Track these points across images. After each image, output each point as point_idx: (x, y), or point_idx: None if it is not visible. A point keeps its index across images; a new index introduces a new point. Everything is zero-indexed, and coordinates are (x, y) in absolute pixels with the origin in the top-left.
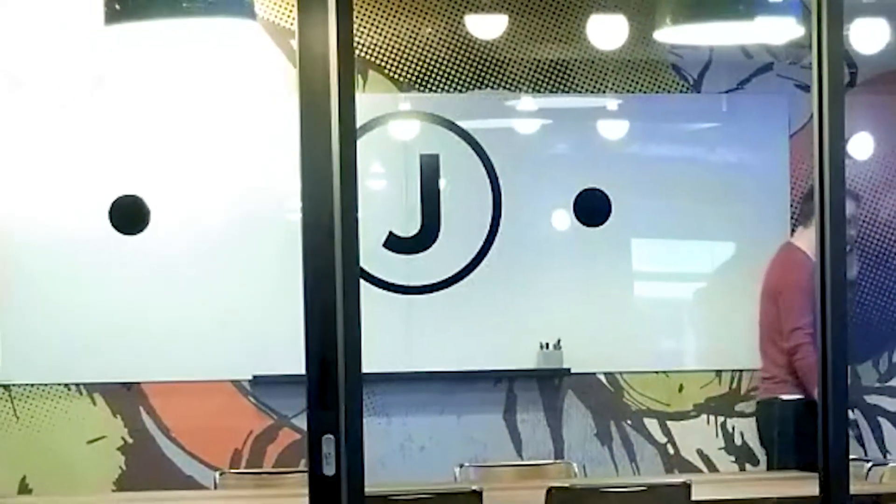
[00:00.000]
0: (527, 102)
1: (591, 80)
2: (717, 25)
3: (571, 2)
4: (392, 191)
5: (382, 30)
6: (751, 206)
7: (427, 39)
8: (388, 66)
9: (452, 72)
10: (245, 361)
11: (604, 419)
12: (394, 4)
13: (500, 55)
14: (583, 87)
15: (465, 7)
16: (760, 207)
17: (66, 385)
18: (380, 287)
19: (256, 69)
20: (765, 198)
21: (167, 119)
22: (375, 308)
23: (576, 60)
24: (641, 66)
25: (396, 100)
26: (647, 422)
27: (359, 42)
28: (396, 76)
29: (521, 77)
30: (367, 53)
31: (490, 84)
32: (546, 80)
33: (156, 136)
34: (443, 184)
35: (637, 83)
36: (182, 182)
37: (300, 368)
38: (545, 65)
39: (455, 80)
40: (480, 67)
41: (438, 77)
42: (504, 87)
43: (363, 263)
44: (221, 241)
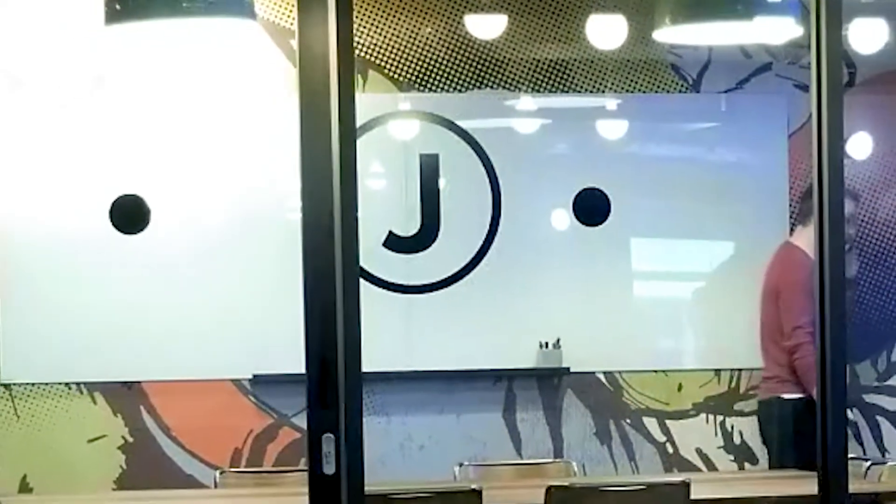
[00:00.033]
0: (526, 102)
1: (591, 80)
2: (717, 25)
3: (571, 2)
4: (392, 190)
5: (382, 30)
6: (750, 206)
7: (427, 39)
8: (388, 66)
9: (452, 72)
10: (245, 361)
11: (603, 418)
12: (394, 4)
13: (500, 55)
14: (582, 87)
15: (465, 7)
16: (759, 207)
17: (67, 384)
18: (380, 286)
19: (256, 69)
20: (764, 197)
21: (167, 119)
22: (375, 307)
23: (575, 60)
24: (641, 66)
25: (396, 99)
26: (647, 421)
27: (359, 42)
28: (396, 76)
29: (521, 77)
30: (367, 53)
31: (489, 84)
32: (545, 80)
33: (156, 136)
34: (442, 183)
35: (636, 83)
36: (182, 182)
37: (300, 367)
38: (545, 65)
39: (455, 80)
40: (480, 67)
41: (438, 77)
42: (503, 87)
43: (363, 263)
44: (222, 241)
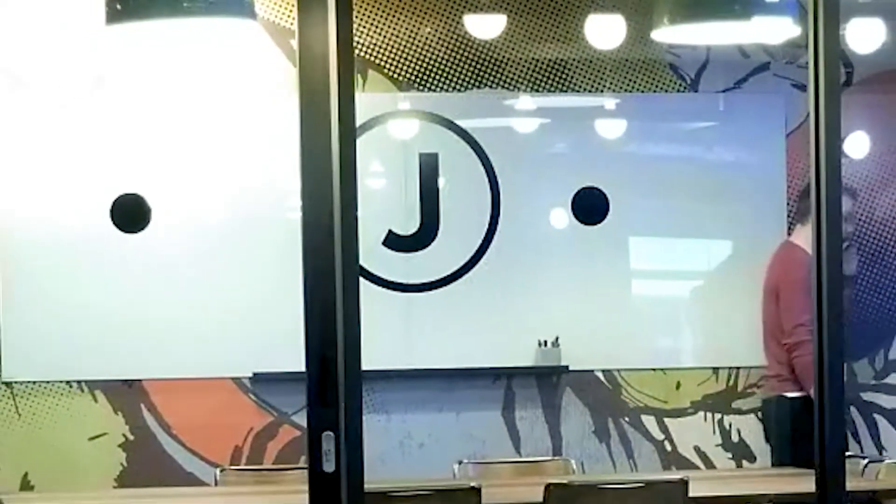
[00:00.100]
0: (525, 102)
1: (589, 80)
2: (715, 25)
3: (569, 2)
4: (391, 189)
5: (382, 29)
6: (748, 205)
7: (426, 39)
8: (388, 66)
9: (451, 71)
10: (245, 359)
11: (602, 416)
12: (393, 4)
13: (499, 55)
14: (581, 87)
15: (464, 7)
16: (757, 206)
17: (68, 382)
18: (379, 285)
19: (256, 69)
20: (762, 196)
21: (168, 118)
22: (375, 306)
23: (574, 60)
24: (639, 66)
25: (396, 99)
26: (645, 419)
27: (358, 42)
28: (396, 76)
29: (520, 76)
30: (367, 53)
31: (489, 83)
32: (544, 80)
33: (157, 136)
34: (442, 182)
35: (635, 82)
36: (183, 181)
37: (300, 366)
38: (543, 64)
39: (454, 80)
40: (479, 67)
41: (437, 76)
42: (503, 87)
43: (363, 261)
44: (222, 240)
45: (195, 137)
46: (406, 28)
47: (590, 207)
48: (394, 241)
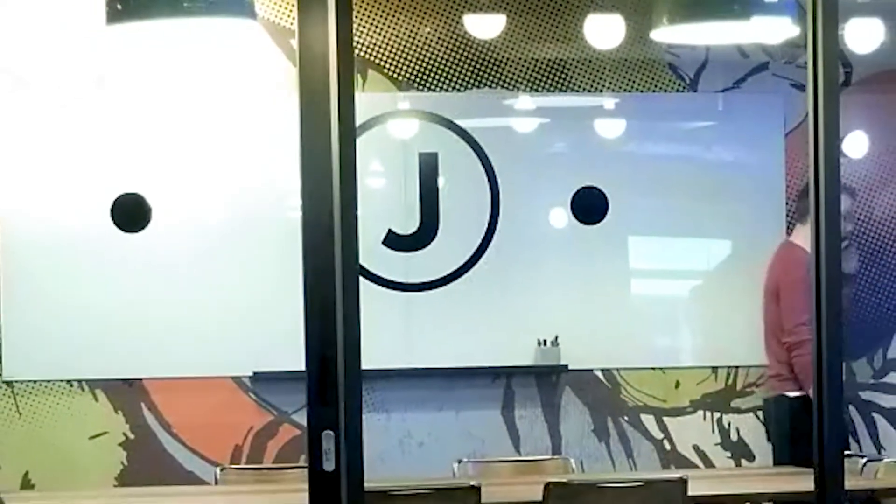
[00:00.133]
0: (525, 101)
1: (589, 80)
2: (714, 25)
3: (569, 1)
4: (391, 189)
5: (382, 29)
6: (747, 204)
7: (426, 39)
8: (388, 66)
9: (451, 71)
10: (245, 358)
11: (601, 415)
12: (393, 4)
13: (499, 54)
14: (580, 87)
15: (464, 7)
16: (756, 205)
17: (69, 381)
18: (379, 284)
19: (257, 69)
20: (760, 196)
21: (168, 118)
22: (375, 305)
23: (573, 60)
24: (638, 66)
25: (395, 99)
26: (644, 418)
27: (358, 41)
28: (395, 75)
29: (519, 76)
30: (367, 53)
31: (488, 83)
32: (544, 80)
33: (157, 135)
34: (441, 182)
35: (634, 82)
36: (183, 180)
37: (300, 365)
38: (543, 64)
39: (453, 80)
40: (479, 67)
41: (437, 76)
42: (502, 87)
43: (362, 261)
44: (222, 239)
45: (195, 137)
46: (406, 28)
47: (589, 207)
48: (393, 241)
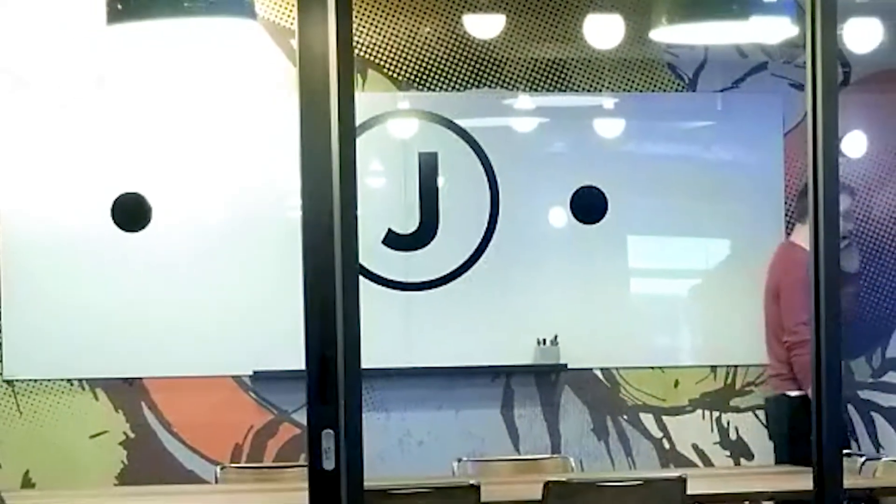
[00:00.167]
0: (524, 101)
1: (588, 79)
2: (713, 25)
3: (568, 1)
4: (391, 188)
5: (381, 29)
6: (745, 204)
7: (425, 39)
8: (387, 66)
9: (451, 71)
10: (246, 357)
11: (600, 414)
12: (393, 4)
13: (498, 54)
14: (579, 86)
15: (463, 7)
16: (755, 205)
17: (69, 380)
18: (379, 283)
19: (257, 68)
20: (759, 195)
21: (169, 118)
22: (374, 304)
23: (573, 59)
24: (637, 65)
25: (395, 98)
26: (643, 417)
27: (358, 41)
28: (395, 75)
29: (519, 76)
30: (367, 53)
31: (488, 83)
32: (543, 79)
33: (157, 135)
34: (441, 181)
35: (633, 82)
36: (183, 180)
37: (300, 364)
38: (542, 64)
39: (453, 79)
40: (478, 66)
41: (437, 76)
42: (502, 86)
43: (362, 260)
44: (222, 239)
45: (195, 137)
46: (405, 28)
47: (588, 206)
48: (393, 240)
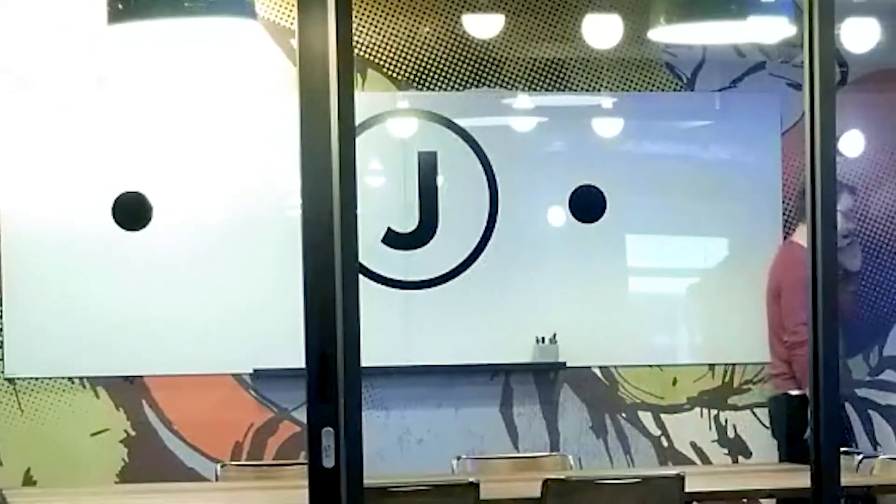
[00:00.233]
0: (523, 100)
1: (587, 79)
2: (711, 25)
3: (567, 1)
4: (390, 187)
5: (381, 29)
6: (743, 203)
7: (425, 39)
8: (387, 65)
9: (450, 70)
10: (246, 355)
11: (599, 412)
12: (392, 4)
13: (497, 54)
14: (578, 86)
15: (463, 7)
16: (753, 204)
17: (70, 378)
18: (378, 282)
19: (257, 68)
20: (757, 195)
21: (169, 117)
22: (374, 303)
23: (571, 59)
24: (636, 65)
25: (395, 98)
26: (642, 415)
27: (358, 41)
28: (395, 75)
29: (518, 75)
30: (366, 52)
31: (487, 82)
32: (542, 79)
33: (158, 134)
34: (440, 181)
35: (631, 81)
36: (184, 179)
37: (300, 362)
38: (541, 63)
39: (452, 79)
40: (478, 66)
41: (436, 75)
42: (501, 86)
43: (362, 259)
44: (223, 238)
45: (196, 136)
46: (405, 28)
47: (587, 205)
48: (393, 239)
